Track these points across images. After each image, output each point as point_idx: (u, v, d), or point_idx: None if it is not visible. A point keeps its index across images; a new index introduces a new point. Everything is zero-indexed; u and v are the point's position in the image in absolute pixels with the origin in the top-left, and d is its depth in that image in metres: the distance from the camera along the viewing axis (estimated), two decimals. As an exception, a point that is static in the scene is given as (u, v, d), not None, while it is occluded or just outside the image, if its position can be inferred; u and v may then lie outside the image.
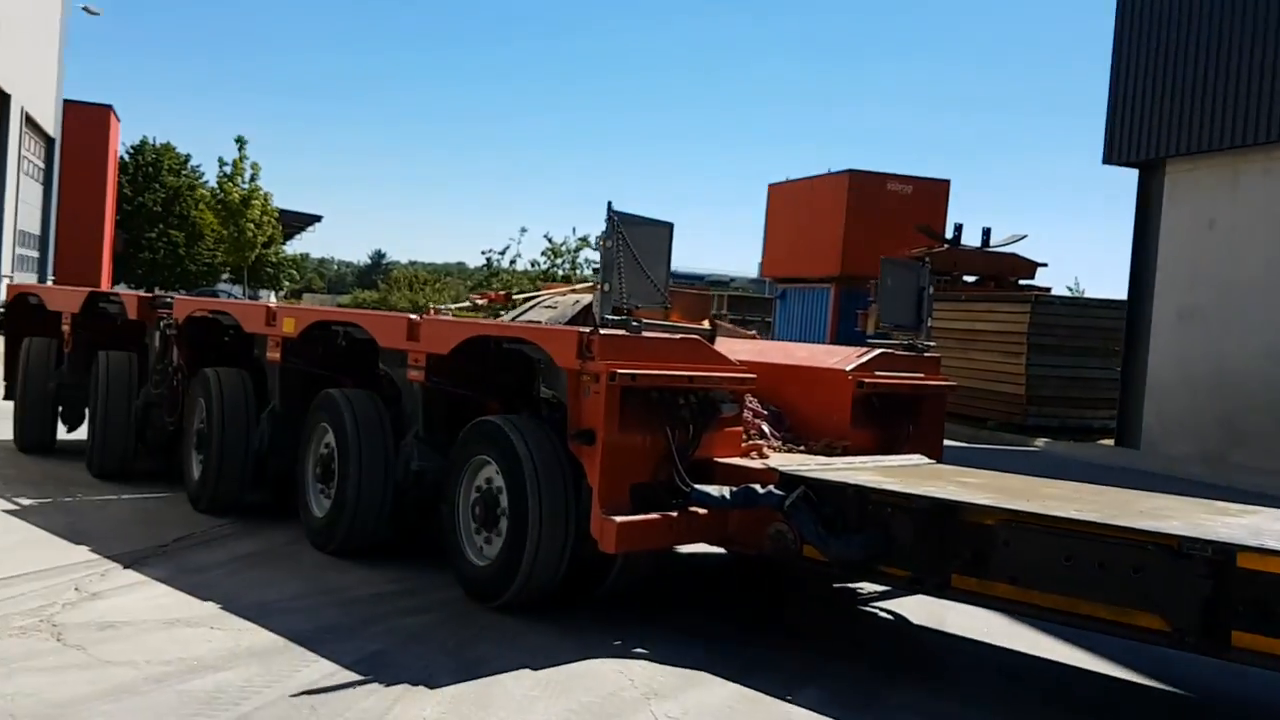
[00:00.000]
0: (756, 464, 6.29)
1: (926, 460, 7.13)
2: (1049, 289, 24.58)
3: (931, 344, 7.80)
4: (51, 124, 36.34)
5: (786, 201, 31.48)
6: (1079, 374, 20.58)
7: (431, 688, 4.87)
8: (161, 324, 9.05)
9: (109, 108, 49.99)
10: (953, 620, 6.75)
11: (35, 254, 36.31)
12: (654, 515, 5.82)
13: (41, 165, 36.32)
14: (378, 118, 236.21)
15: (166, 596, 6.02)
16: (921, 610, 6.89)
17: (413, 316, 7.09)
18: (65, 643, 5.12)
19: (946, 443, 15.12)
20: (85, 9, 37.34)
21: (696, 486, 5.96)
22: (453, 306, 12.55)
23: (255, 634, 5.43)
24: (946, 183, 29.41)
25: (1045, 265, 25.30)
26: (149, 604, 5.85)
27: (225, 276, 60.74)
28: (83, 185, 45.21)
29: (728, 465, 6.28)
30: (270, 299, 55.36)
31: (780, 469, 6.06)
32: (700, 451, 6.19)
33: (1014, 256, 25.20)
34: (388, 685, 4.84)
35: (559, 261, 45.74)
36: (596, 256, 41.46)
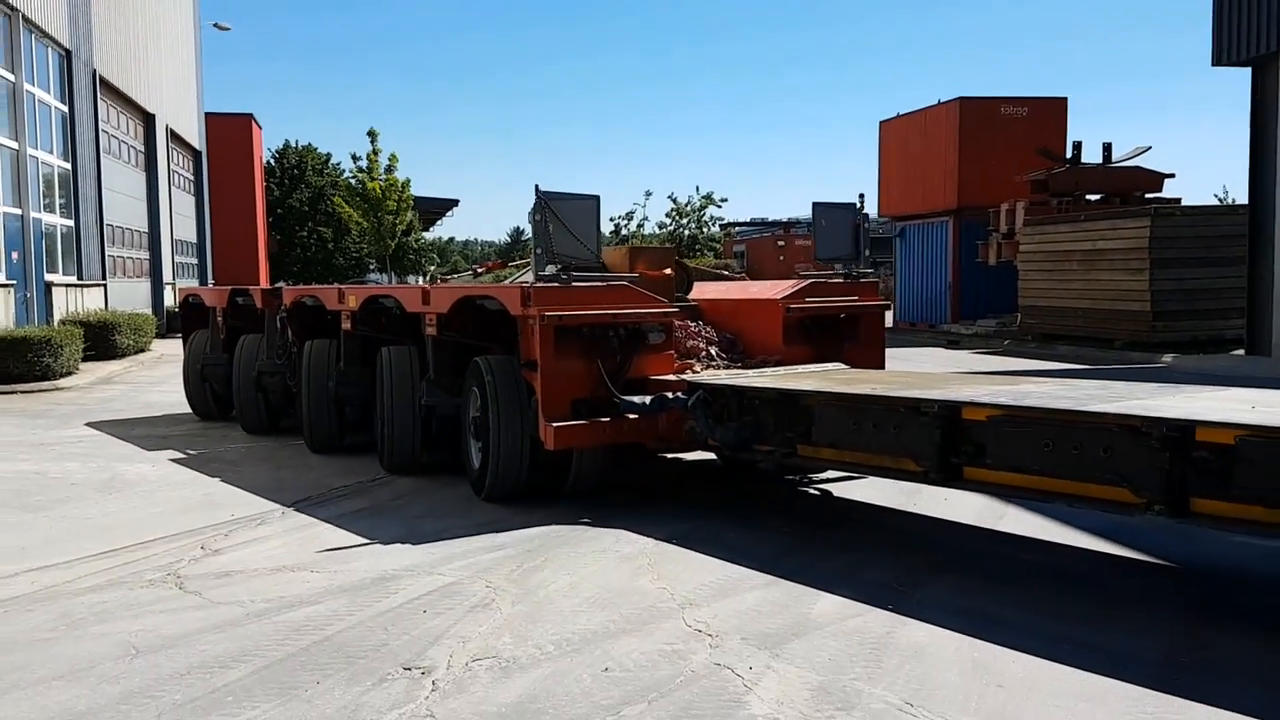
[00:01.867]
0: (672, 378, 7.87)
1: (841, 367, 8.48)
2: (1178, 200, 23.73)
3: (869, 271, 9.21)
4: (196, 138, 38.74)
5: (899, 137, 31.08)
6: (1207, 285, 19.95)
7: (491, 609, 5.52)
8: (279, 309, 11.33)
9: (249, 116, 52.81)
10: (985, 518, 7.08)
11: (194, 261, 38.91)
12: (585, 421, 7.48)
13: (191, 177, 38.82)
14: (503, 96, 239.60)
15: (279, 549, 6.85)
16: (960, 510, 7.25)
17: (425, 286, 8.89)
18: (185, 590, 5.96)
19: (1071, 366, 15.78)
20: (215, 25, 39.55)
21: (623, 398, 7.49)
22: (456, 276, 14.54)
23: (348, 574, 6.19)
24: (1063, 101, 28.50)
25: (1172, 176, 24.45)
26: (262, 556, 6.68)
27: (373, 267, 63.33)
28: (232, 192, 48.15)
29: (655, 380, 7.87)
30: (417, 283, 57.41)
31: (689, 379, 7.71)
32: (634, 372, 7.82)
33: (1138, 170, 24.44)
34: (455, 609, 5.51)
35: (684, 221, 46.17)
36: (721, 213, 41.98)
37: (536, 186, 7.95)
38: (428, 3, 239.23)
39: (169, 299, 31.91)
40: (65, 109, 21.73)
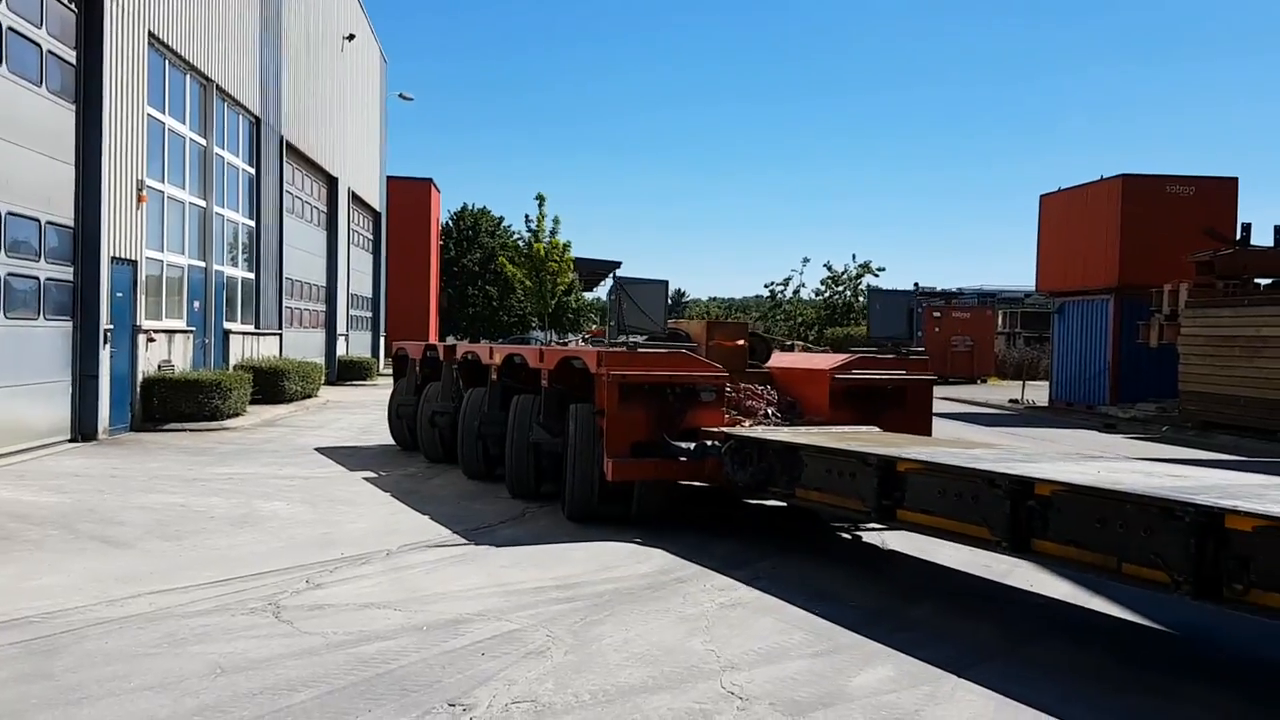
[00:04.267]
0: (719, 430, 9.22)
1: (873, 429, 9.53)
2: (1358, 286, 22.34)
3: (919, 349, 10.32)
4: (376, 199, 41.09)
5: (1059, 212, 30.34)
6: (1382, 377, 18.71)
7: (545, 656, 5.84)
8: (453, 361, 13.81)
9: (429, 181, 55.62)
10: (1078, 597, 6.98)
11: (369, 314, 41.05)
12: (640, 460, 9.14)
13: (370, 236, 41.12)
14: (669, 162, 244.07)
15: (373, 588, 7.37)
16: (1055, 589, 7.16)
17: (542, 347, 10.81)
18: (280, 619, 6.51)
19: (1227, 458, 16.68)
20: (401, 95, 42.05)
21: (673, 443, 9.13)
22: (574, 339, 16.31)
23: (426, 615, 6.63)
24: (1233, 181, 27.30)
25: (1354, 260, 23.00)
26: (355, 593, 7.21)
27: (535, 324, 65.29)
28: (409, 250, 50.69)
29: (705, 431, 9.31)
30: (576, 342, 58.78)
31: (728, 431, 9.09)
32: (688, 424, 9.33)
33: (1314, 254, 23.15)
34: (511, 653, 5.87)
35: (839, 289, 45.97)
36: (879, 282, 41.99)
37: (614, 275, 9.52)
38: (598, 83, 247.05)
39: (341, 349, 33.83)
40: (252, 171, 23.58)
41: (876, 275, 47.00)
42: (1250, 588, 5.05)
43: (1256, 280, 23.24)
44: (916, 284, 11.58)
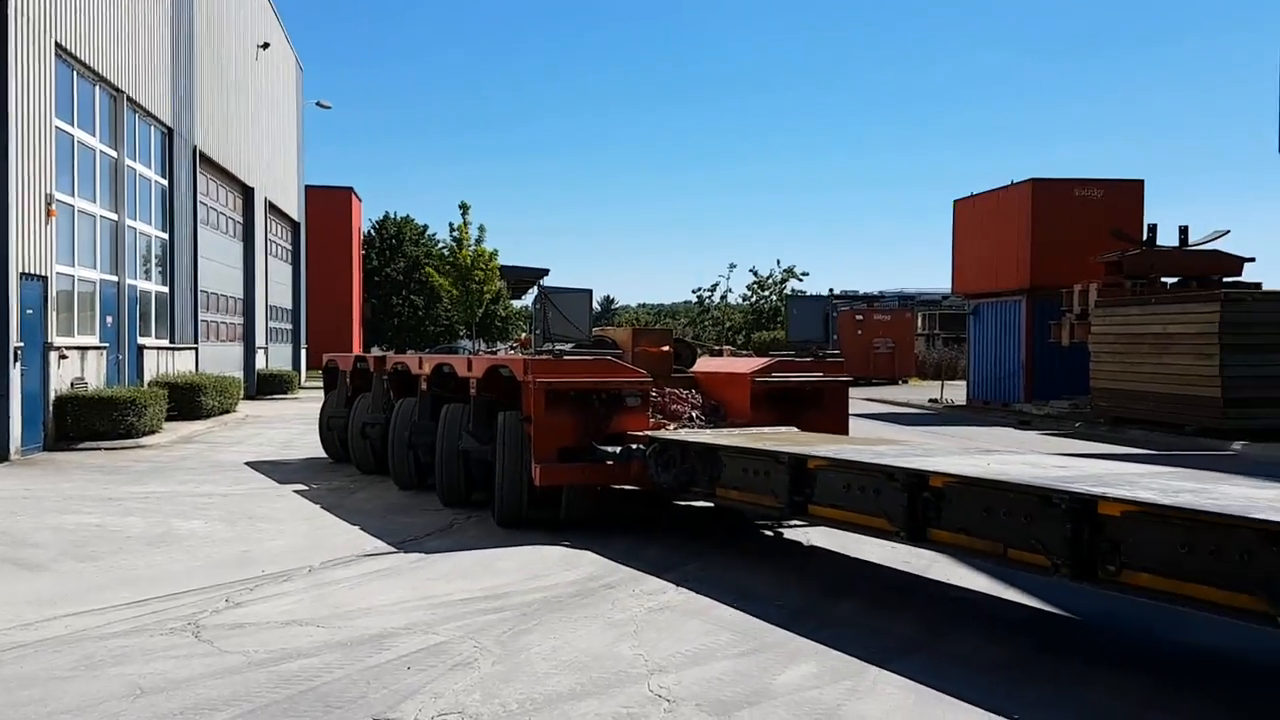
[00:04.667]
0: (645, 434, 9.43)
1: (792, 430, 9.83)
2: (1258, 285, 23.22)
3: (836, 352, 10.67)
4: (295, 209, 40.45)
5: (972, 216, 31.06)
6: (1280, 372, 19.46)
7: (472, 667, 5.83)
8: (383, 372, 13.85)
9: (349, 189, 54.97)
10: (993, 589, 7.16)
11: (289, 326, 40.38)
12: (568, 465, 9.36)
13: (289, 247, 40.45)
14: (595, 169, 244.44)
15: (295, 605, 7.27)
16: (974, 582, 7.34)
17: (470, 356, 10.97)
18: (200, 638, 6.40)
19: (1137, 451, 17.01)
20: (318, 104, 41.50)
21: (599, 448, 9.35)
22: (502, 347, 16.52)
23: (350, 630, 6.57)
24: (1139, 184, 28.21)
25: (1252, 260, 23.89)
26: (277, 610, 7.11)
27: (462, 334, 64.80)
28: (330, 261, 50.08)
29: (631, 435, 9.50)
30: (504, 351, 58.29)
31: (652, 435, 9.35)
32: (614, 428, 9.55)
33: (1216, 253, 24.00)
34: (437, 666, 5.84)
35: (765, 294, 46.41)
36: (803, 286, 42.53)
37: (539, 284, 10.04)
38: (524, 87, 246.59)
39: (260, 362, 33.24)
40: (165, 183, 23.07)
41: (801, 280, 47.65)
42: (1122, 568, 5.41)
43: (1163, 279, 24.03)
44: (831, 290, 12.10)
